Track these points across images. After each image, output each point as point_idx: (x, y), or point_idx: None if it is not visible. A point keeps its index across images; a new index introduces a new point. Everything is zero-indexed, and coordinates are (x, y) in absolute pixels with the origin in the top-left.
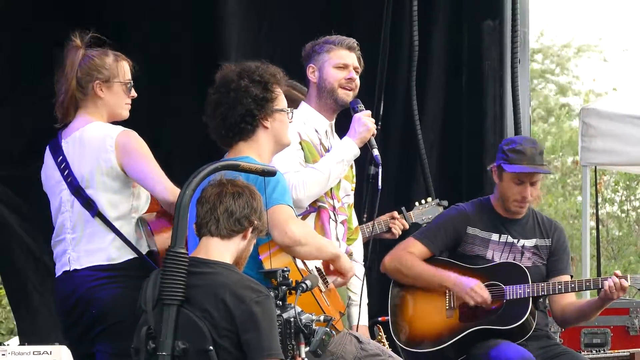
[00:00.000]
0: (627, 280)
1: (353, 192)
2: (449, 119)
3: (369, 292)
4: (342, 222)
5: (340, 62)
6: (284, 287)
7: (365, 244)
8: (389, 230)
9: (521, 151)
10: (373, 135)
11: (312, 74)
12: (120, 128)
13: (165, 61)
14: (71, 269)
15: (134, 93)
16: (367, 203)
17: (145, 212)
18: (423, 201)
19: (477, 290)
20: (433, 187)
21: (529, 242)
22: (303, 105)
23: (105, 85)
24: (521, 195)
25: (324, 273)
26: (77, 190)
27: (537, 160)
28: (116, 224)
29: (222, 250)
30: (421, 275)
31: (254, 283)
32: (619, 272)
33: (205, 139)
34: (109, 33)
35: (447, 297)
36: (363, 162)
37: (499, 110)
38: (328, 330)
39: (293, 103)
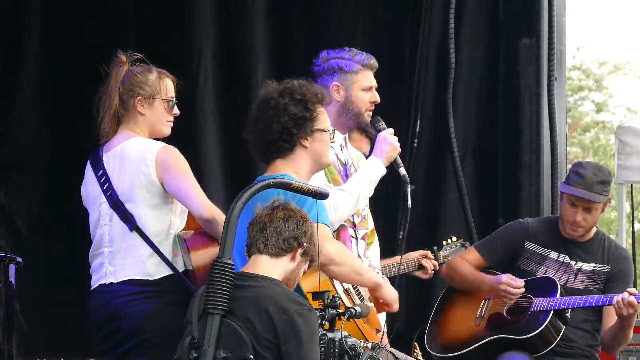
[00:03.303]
0: (638, 298)
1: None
2: (485, 137)
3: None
4: (363, 237)
5: (367, 85)
6: (332, 309)
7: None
8: (420, 267)
9: (582, 174)
10: (398, 153)
11: (336, 93)
12: (161, 144)
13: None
14: (107, 282)
15: (176, 110)
16: (402, 223)
17: (183, 229)
18: (449, 240)
19: (506, 282)
20: (469, 205)
21: (587, 266)
22: None
23: (146, 101)
24: (573, 218)
25: (360, 290)
26: (116, 204)
27: (595, 189)
28: (154, 240)
29: (269, 267)
30: (465, 278)
31: (298, 297)
32: (634, 290)
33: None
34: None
35: (481, 305)
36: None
37: (535, 129)
38: (374, 355)
39: None
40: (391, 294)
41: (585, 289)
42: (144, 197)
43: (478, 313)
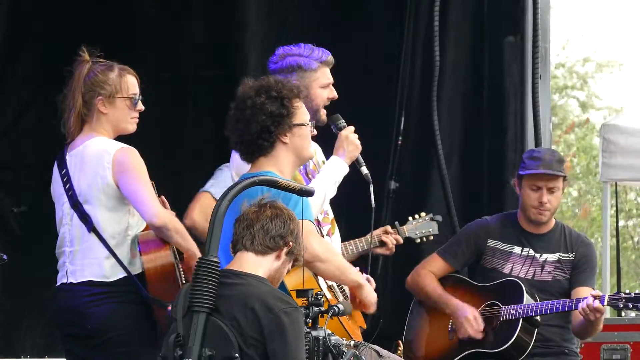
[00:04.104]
0: (603, 300)
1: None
2: (470, 135)
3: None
4: (328, 233)
5: (326, 82)
6: (315, 307)
7: (374, 259)
8: (382, 244)
9: (538, 157)
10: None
11: None
12: (119, 145)
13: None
14: (68, 282)
15: (140, 106)
16: (386, 219)
17: (144, 230)
18: (417, 216)
19: (469, 321)
20: (454, 204)
21: (552, 257)
22: None
23: (108, 100)
24: (538, 201)
25: (344, 288)
26: (75, 205)
27: (554, 167)
28: (110, 242)
29: (255, 264)
30: (429, 296)
31: (284, 295)
32: (597, 292)
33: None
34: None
35: (450, 319)
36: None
37: (520, 127)
38: (357, 353)
39: None
40: (370, 296)
41: (553, 279)
42: (100, 199)
43: (450, 326)
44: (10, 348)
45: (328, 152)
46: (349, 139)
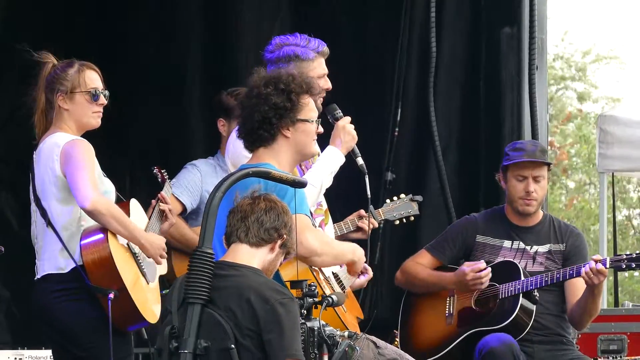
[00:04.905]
0: (605, 263)
1: None
2: (466, 126)
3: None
4: (320, 224)
5: (322, 73)
6: (309, 298)
7: (372, 249)
8: (358, 229)
9: (521, 148)
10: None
11: None
12: (70, 137)
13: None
14: (36, 278)
15: (102, 100)
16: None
17: None
18: (395, 197)
19: (471, 272)
20: (450, 195)
21: (543, 248)
22: None
23: (67, 96)
24: (525, 191)
25: (341, 278)
26: (37, 200)
27: (538, 155)
28: (63, 234)
29: (249, 256)
30: (425, 281)
31: (279, 286)
32: (598, 256)
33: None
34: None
35: (447, 303)
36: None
37: (517, 118)
38: (352, 344)
39: None
40: (359, 266)
41: (545, 270)
42: (52, 191)
43: (447, 312)
44: (14, 340)
45: (324, 143)
46: (346, 129)
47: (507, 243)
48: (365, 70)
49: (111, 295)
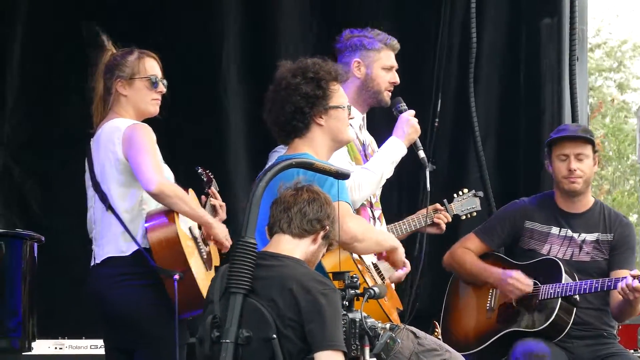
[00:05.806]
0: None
1: None
2: (507, 117)
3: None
4: (379, 217)
5: (388, 64)
6: (352, 290)
7: (417, 238)
8: (433, 223)
9: (563, 129)
10: (419, 136)
11: (357, 69)
12: (131, 122)
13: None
14: (94, 264)
15: (161, 88)
16: (423, 201)
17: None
18: (460, 192)
19: (516, 279)
20: (490, 185)
21: (591, 237)
22: None
23: (126, 82)
24: (567, 169)
25: (381, 269)
26: (96, 185)
27: (580, 133)
28: (124, 217)
29: (292, 247)
30: (470, 271)
31: (322, 277)
32: (635, 272)
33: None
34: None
35: (489, 296)
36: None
37: (557, 109)
38: (393, 335)
39: None
40: (401, 257)
41: (591, 260)
42: (113, 175)
43: (488, 304)
44: (48, 329)
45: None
46: (410, 122)
47: (554, 230)
48: (404, 61)
49: (176, 277)
